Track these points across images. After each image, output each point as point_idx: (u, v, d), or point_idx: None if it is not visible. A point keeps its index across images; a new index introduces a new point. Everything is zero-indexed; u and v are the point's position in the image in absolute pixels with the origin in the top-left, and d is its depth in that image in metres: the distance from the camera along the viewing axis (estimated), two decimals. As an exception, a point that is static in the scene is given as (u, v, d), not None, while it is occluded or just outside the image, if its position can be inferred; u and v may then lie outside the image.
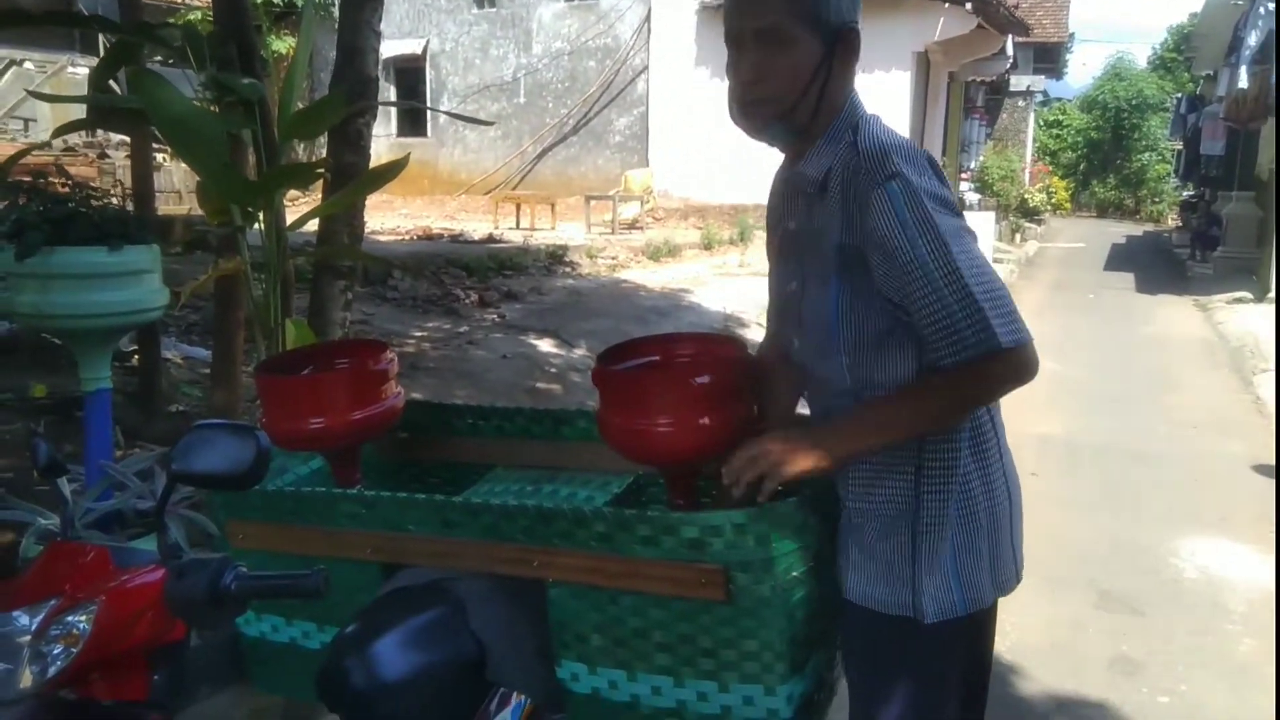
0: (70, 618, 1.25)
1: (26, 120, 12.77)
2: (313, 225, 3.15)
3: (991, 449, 1.53)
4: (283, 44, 15.49)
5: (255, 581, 1.30)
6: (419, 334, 6.22)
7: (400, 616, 1.72)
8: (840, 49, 1.44)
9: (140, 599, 1.29)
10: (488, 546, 1.98)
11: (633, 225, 13.58)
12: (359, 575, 1.88)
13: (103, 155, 11.60)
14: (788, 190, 1.59)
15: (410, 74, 17.69)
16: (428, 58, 17.36)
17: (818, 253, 1.49)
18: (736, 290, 9.11)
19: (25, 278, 2.10)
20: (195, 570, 1.28)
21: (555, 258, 9.69)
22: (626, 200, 14.16)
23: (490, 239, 11.07)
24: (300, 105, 3.00)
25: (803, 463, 1.51)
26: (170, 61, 3.24)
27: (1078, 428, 5.82)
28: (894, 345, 1.46)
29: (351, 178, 2.97)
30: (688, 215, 14.42)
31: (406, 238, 11.17)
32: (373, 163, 3.30)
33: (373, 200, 16.36)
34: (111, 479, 2.24)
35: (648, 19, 15.22)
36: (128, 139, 11.02)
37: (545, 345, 6.16)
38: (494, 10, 16.75)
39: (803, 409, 1.94)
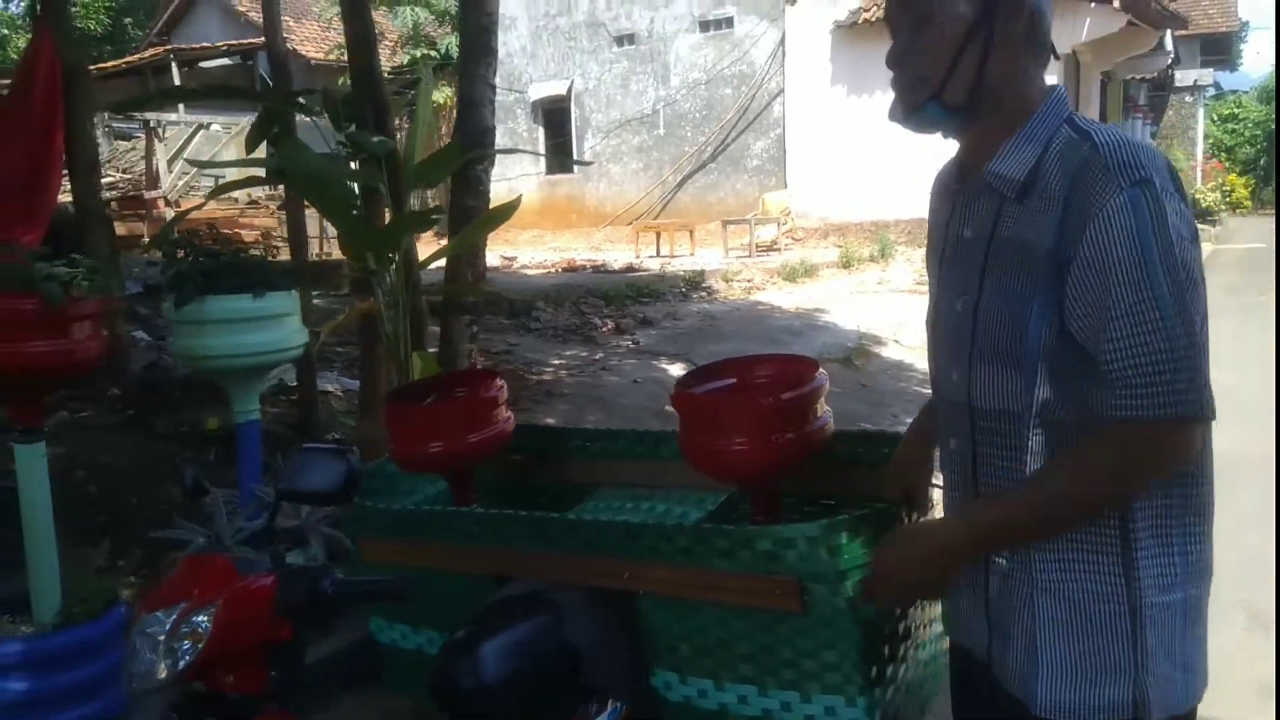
0: (196, 617, 1.44)
1: (217, 178, 14.09)
2: (443, 263, 3.43)
3: (1210, 510, 1.25)
4: (441, 95, 16.40)
5: (349, 586, 1.47)
6: (557, 362, 6.49)
7: (503, 624, 1.83)
8: (999, 21, 1.19)
9: (254, 601, 1.46)
10: (583, 560, 2.12)
11: (770, 247, 13.62)
12: (474, 586, 2.04)
13: (283, 207, 12.61)
14: (965, 192, 1.30)
15: (557, 114, 18.40)
16: (572, 97, 17.99)
17: (1015, 265, 1.22)
18: (873, 308, 8.99)
19: (183, 324, 2.42)
20: (300, 577, 1.47)
21: (691, 283, 9.85)
22: (764, 223, 14.21)
23: (630, 268, 11.36)
24: (425, 153, 3.28)
25: (927, 584, 1.35)
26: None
27: (1238, 440, 5.45)
28: (1073, 372, 1.18)
29: (471, 220, 3.21)
30: (827, 234, 14.32)
31: (552, 270, 11.61)
32: (525, 200, 3.54)
33: (524, 235, 17.02)
34: (261, 500, 2.52)
35: (782, 43, 15.29)
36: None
37: (676, 369, 6.30)
38: (633, 47, 17.21)
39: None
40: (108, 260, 4.84)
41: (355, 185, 3.01)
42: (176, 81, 14.72)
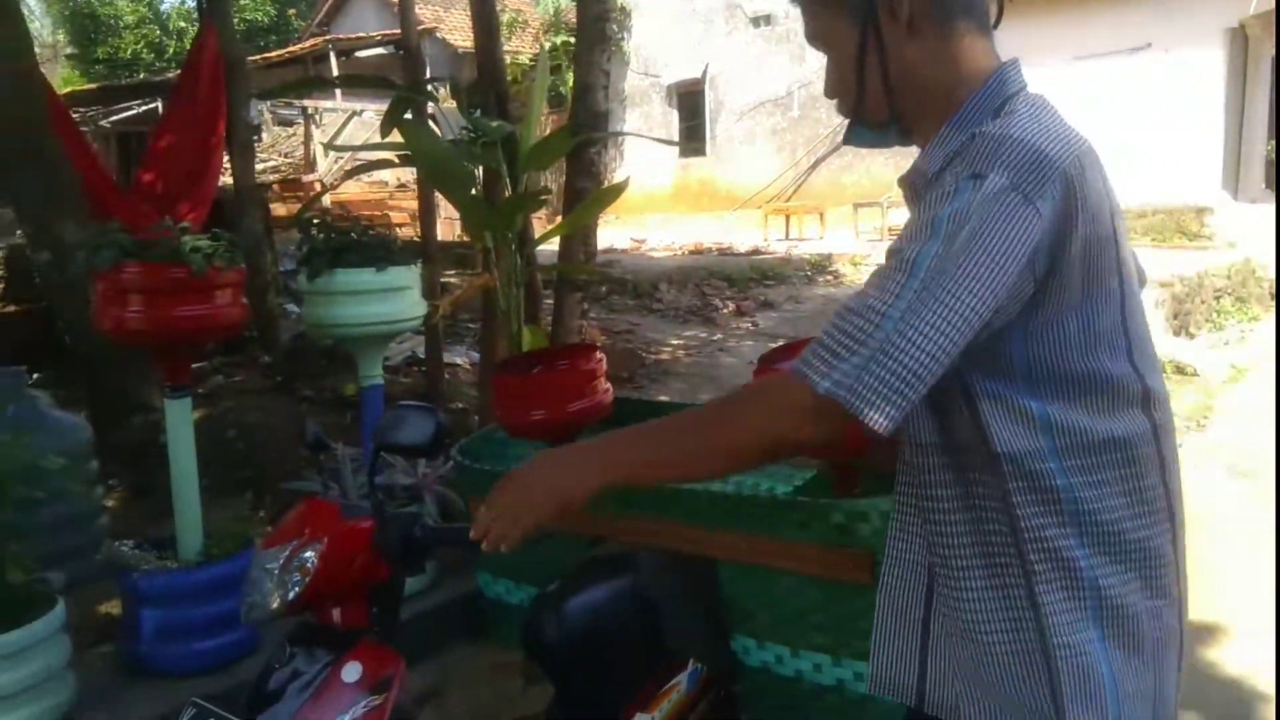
0: (304, 554, 1.60)
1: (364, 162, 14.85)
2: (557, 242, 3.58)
3: (1167, 562, 1.12)
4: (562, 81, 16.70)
5: (436, 532, 1.62)
6: (676, 341, 6.60)
7: (591, 582, 1.93)
8: (877, 11, 1.11)
9: (355, 542, 1.60)
10: (667, 525, 2.23)
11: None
12: (568, 546, 2.18)
13: (401, 186, 13.25)
14: (906, 194, 1.21)
15: (691, 97, 18.43)
16: (707, 80, 17.98)
17: None
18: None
19: (314, 295, 2.65)
20: (394, 522, 1.61)
21: (817, 267, 9.76)
22: (897, 206, 13.86)
23: (755, 251, 11.34)
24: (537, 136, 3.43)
25: (533, 499, 1.18)
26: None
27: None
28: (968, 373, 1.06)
29: (584, 200, 3.35)
30: (966, 219, 13.87)
31: (678, 252, 11.71)
32: (658, 184, 3.66)
33: (656, 218, 17.09)
34: (382, 459, 2.74)
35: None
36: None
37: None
38: (769, 28, 17.04)
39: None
40: (260, 237, 5.24)
41: (479, 167, 3.19)
42: (334, 70, 15.55)
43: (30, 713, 2.03)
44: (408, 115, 3.40)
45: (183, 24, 25.56)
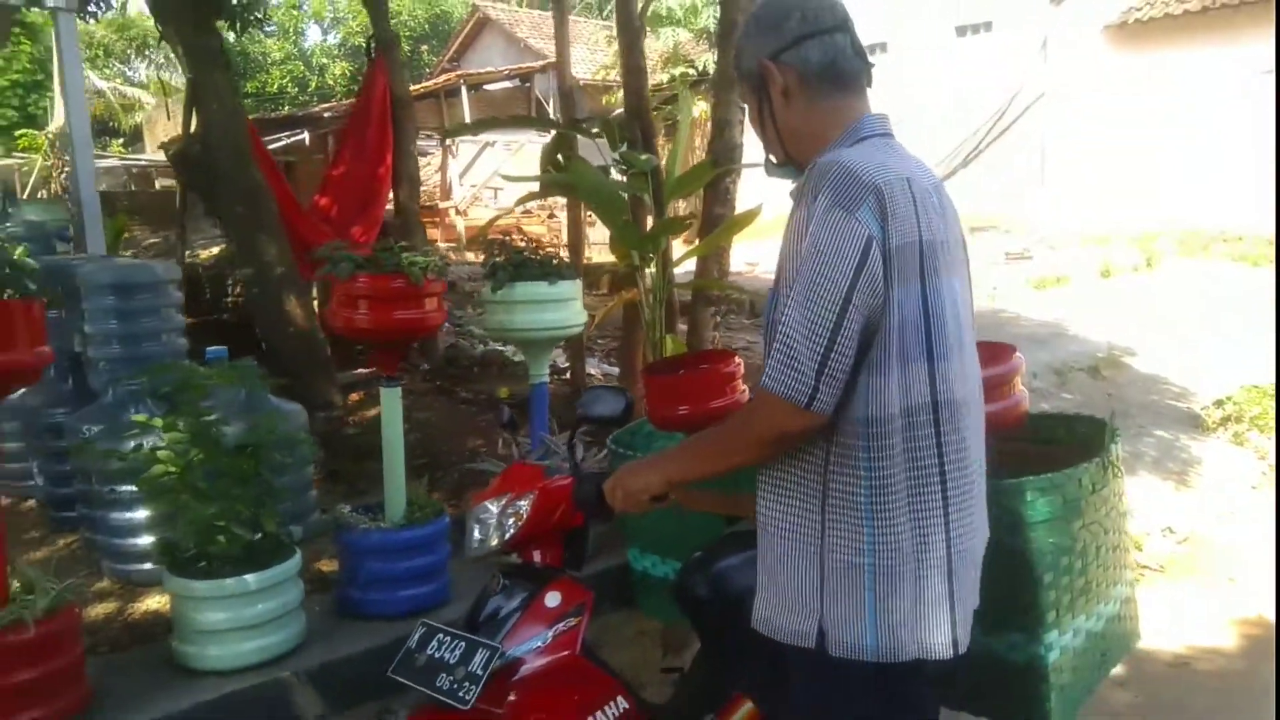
0: (519, 503, 2.00)
1: (496, 190, 15.66)
2: (692, 263, 3.97)
3: (934, 506, 1.43)
4: (697, 109, 17.17)
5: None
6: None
7: (731, 551, 2.25)
8: (766, 86, 1.52)
9: (558, 496, 1.99)
10: None
11: (1022, 256, 13.21)
12: (708, 524, 2.51)
13: (551, 215, 13.93)
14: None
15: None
16: (821, 106, 18.21)
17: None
18: (1130, 319, 8.65)
19: (495, 304, 3.10)
20: (589, 480, 1.99)
21: (933, 290, 9.85)
22: (1015, 230, 13.80)
23: (871, 274, 11.47)
24: (682, 169, 3.84)
25: (644, 485, 1.63)
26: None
27: None
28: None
29: (719, 225, 3.73)
30: (1087, 244, 13.67)
31: (794, 276, 11.95)
32: (775, 209, 4.05)
33: (769, 243, 17.43)
34: (546, 445, 3.16)
35: (1044, 46, 14.77)
36: (530, 205, 12.92)
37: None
38: (885, 55, 17.18)
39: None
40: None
41: (625, 195, 3.61)
42: (465, 103, 16.43)
43: (275, 640, 2.50)
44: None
45: (324, 60, 27.28)
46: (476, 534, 2.00)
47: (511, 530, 1.96)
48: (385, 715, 2.34)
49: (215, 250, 8.53)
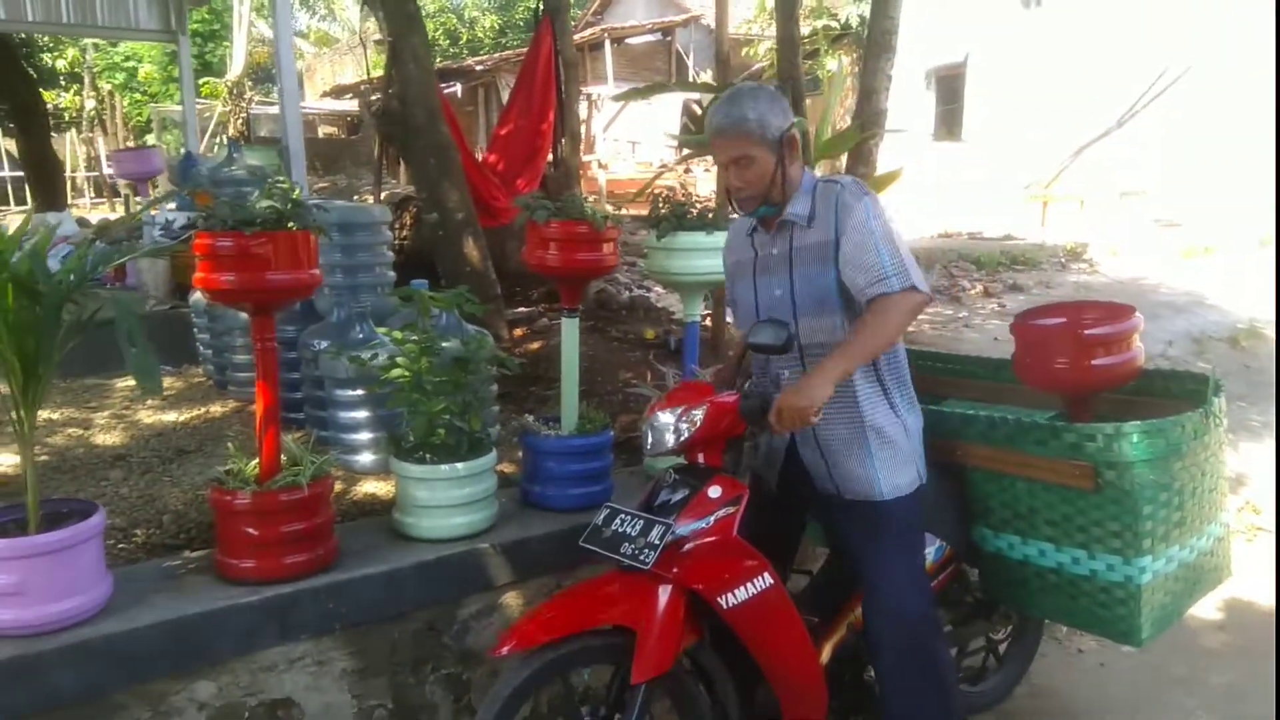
0: (693, 411, 2.34)
1: (634, 144, 16.13)
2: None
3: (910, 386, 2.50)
4: (835, 63, 17.14)
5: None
6: (921, 317, 7.12)
7: None
8: (785, 150, 2.32)
9: (727, 408, 2.35)
10: (939, 441, 2.79)
11: (1173, 223, 12.79)
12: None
13: (687, 170, 14.30)
14: (762, 233, 2.49)
15: (950, 81, 18.31)
16: (968, 65, 17.80)
17: (814, 254, 2.35)
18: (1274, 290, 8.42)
19: (658, 250, 3.53)
20: (751, 397, 2.34)
21: (1073, 254, 9.81)
22: (1166, 197, 13.33)
23: (1008, 236, 11.44)
24: (830, 132, 4.17)
25: (823, 394, 2.14)
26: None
27: None
28: (852, 301, 2.31)
29: (862, 184, 4.06)
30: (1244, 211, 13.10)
31: (927, 236, 12.01)
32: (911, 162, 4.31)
33: (913, 201, 17.20)
34: (697, 376, 3.60)
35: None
36: (695, 160, 13.17)
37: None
38: (1040, 10, 16.64)
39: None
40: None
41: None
42: (608, 57, 16.86)
43: (476, 518, 3.03)
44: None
45: (475, 13, 28.12)
46: (654, 436, 2.38)
47: (686, 434, 2.33)
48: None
49: (380, 196, 9.28)
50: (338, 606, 2.66)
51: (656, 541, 2.17)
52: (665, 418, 2.37)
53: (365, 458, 3.58)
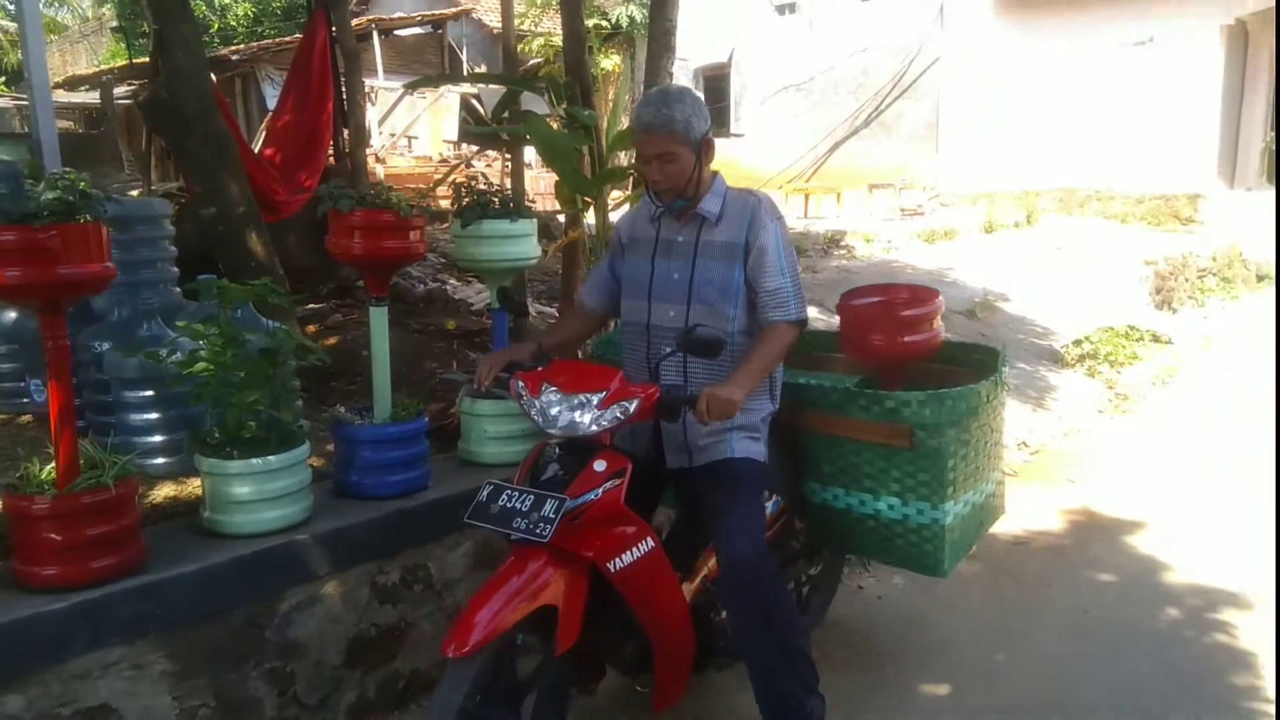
0: (625, 403, 2.41)
1: (410, 139, 15.84)
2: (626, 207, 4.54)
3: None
4: (609, 62, 17.62)
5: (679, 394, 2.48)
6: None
7: None
8: (704, 152, 2.64)
9: (649, 400, 2.45)
10: (784, 409, 3.04)
11: (915, 212, 14.17)
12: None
13: (468, 164, 14.23)
14: (670, 220, 2.79)
15: (717, 80, 19.25)
16: (732, 65, 18.79)
17: (720, 250, 2.67)
18: (1004, 269, 9.59)
19: (464, 238, 3.61)
20: (668, 391, 2.48)
21: (833, 242, 10.67)
22: (910, 188, 14.73)
23: (777, 227, 12.24)
24: (620, 126, 4.39)
25: (743, 395, 2.46)
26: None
27: None
28: (750, 305, 2.67)
29: (651, 174, 4.32)
30: (976, 201, 14.72)
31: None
32: None
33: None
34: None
35: (941, 12, 15.63)
36: (486, 152, 13.17)
37: (812, 311, 7.26)
38: (794, 16, 17.83)
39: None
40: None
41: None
42: (377, 48, 16.44)
43: (290, 511, 3.00)
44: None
45: (227, 0, 26.43)
46: (562, 418, 2.41)
47: (608, 424, 2.40)
48: None
49: (136, 192, 8.68)
50: (151, 608, 2.58)
51: (552, 515, 2.24)
52: (586, 400, 2.43)
53: (159, 460, 3.43)
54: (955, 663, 3.46)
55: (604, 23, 18.93)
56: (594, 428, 2.42)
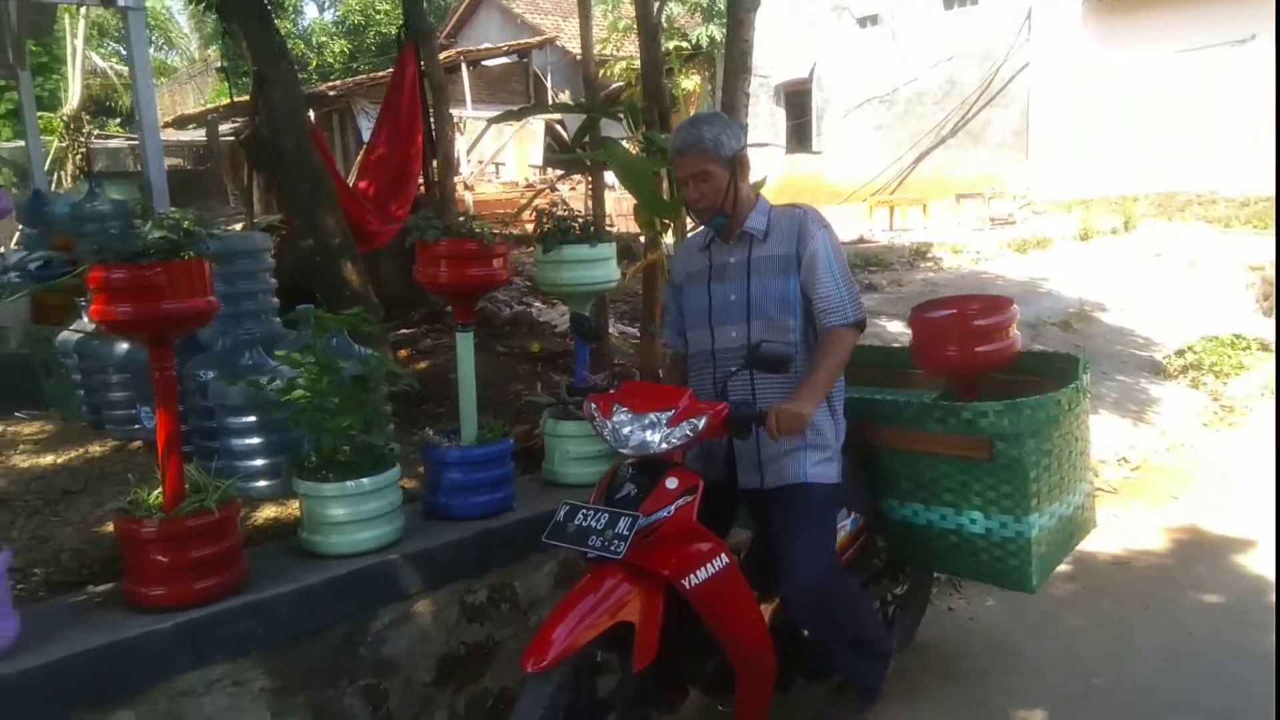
0: (694, 419, 2.44)
1: (498, 165, 16.21)
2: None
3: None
4: (689, 82, 17.72)
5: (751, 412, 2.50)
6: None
7: None
8: (737, 168, 2.68)
9: (718, 416, 2.48)
10: (855, 423, 3.04)
11: (1006, 221, 13.82)
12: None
13: (553, 189, 14.51)
14: (719, 243, 2.84)
15: (798, 95, 19.18)
16: (814, 79, 18.69)
17: (773, 265, 2.70)
18: (1102, 278, 9.27)
19: (545, 263, 3.70)
20: (740, 407, 2.49)
21: (919, 253, 10.49)
22: (1000, 197, 14.39)
23: (860, 240, 12.11)
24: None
25: (813, 408, 2.52)
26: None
27: None
28: (808, 314, 2.70)
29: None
30: (1070, 208, 14.29)
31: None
32: (768, 175, 4.61)
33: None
34: (592, 383, 3.78)
35: (1028, 17, 15.29)
36: (571, 176, 13.41)
37: (895, 326, 7.17)
38: (875, 28, 17.66)
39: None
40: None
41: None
42: (465, 79, 16.89)
43: (382, 532, 3.11)
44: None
45: (323, 38, 27.56)
46: (633, 438, 2.45)
47: (677, 442, 2.43)
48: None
49: (240, 225, 9.09)
50: (252, 627, 2.70)
51: (626, 532, 2.28)
52: (655, 420, 2.46)
53: (261, 484, 3.59)
54: (1051, 686, 3.35)
55: (684, 44, 19.07)
56: (664, 445, 2.44)
